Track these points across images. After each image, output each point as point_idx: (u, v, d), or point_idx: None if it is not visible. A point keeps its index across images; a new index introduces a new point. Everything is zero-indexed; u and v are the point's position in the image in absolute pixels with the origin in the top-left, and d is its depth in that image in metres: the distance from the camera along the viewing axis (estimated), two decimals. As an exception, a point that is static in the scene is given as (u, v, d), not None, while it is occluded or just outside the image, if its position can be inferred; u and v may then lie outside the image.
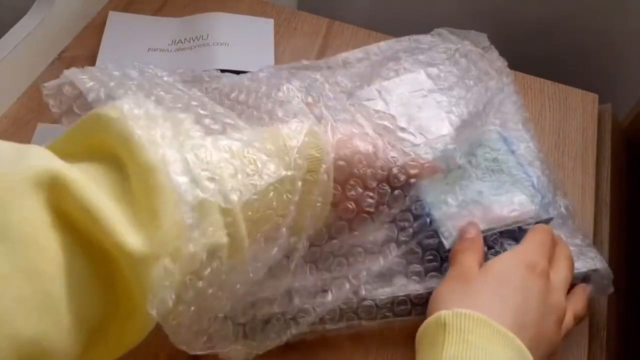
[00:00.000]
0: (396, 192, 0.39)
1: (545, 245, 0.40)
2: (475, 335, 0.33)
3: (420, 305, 0.41)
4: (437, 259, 0.41)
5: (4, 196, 0.23)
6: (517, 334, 0.34)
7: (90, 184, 0.26)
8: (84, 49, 0.58)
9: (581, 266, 0.43)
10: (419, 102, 0.46)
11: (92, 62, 0.56)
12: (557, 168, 0.53)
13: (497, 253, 0.40)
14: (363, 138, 0.39)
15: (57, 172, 0.25)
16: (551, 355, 0.38)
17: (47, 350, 0.23)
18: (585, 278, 0.43)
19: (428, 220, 0.41)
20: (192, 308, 0.29)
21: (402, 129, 0.44)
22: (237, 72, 0.54)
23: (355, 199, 0.38)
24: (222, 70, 0.54)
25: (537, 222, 0.41)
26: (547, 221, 0.42)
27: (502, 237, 0.42)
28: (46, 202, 0.24)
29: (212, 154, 0.30)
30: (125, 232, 0.25)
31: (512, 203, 0.42)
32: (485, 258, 0.40)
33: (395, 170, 0.39)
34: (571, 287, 0.42)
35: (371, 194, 0.38)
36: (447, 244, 0.40)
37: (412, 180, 0.40)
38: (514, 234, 0.42)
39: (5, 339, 0.22)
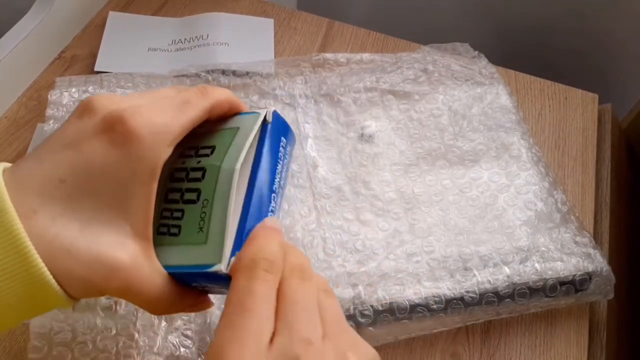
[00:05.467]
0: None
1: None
2: None
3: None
4: None
5: None
6: None
7: None
8: (84, 49, 0.58)
9: (584, 267, 0.43)
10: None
11: (92, 62, 0.56)
12: (557, 168, 0.53)
13: None
14: None
15: None
16: None
17: None
18: (586, 280, 0.43)
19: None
20: None
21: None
22: (237, 72, 0.55)
23: None
24: (223, 71, 0.54)
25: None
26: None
27: None
28: None
29: None
30: None
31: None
32: None
33: None
34: (573, 285, 0.43)
35: None
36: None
37: None
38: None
39: None
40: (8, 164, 0.27)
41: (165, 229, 0.29)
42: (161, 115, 0.28)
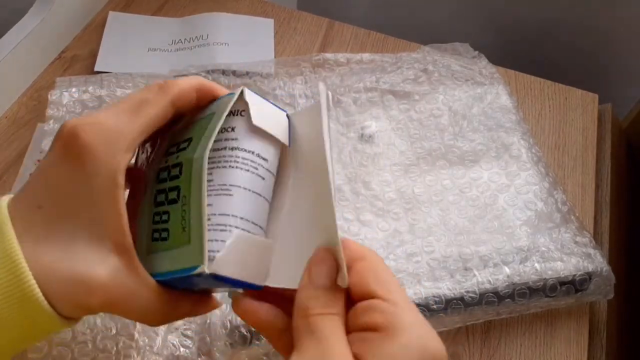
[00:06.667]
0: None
1: None
2: None
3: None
4: None
5: None
6: None
7: None
8: (84, 49, 0.58)
9: (584, 267, 0.43)
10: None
11: (92, 62, 0.56)
12: (557, 168, 0.53)
13: None
14: None
15: None
16: None
17: None
18: (586, 280, 0.43)
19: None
20: None
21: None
22: (237, 72, 0.55)
23: None
24: (223, 71, 0.54)
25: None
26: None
27: None
28: None
29: None
30: None
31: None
32: None
33: None
34: (573, 285, 0.42)
35: None
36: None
37: None
38: None
39: None
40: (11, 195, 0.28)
41: (157, 234, 0.28)
42: (115, 121, 0.27)
